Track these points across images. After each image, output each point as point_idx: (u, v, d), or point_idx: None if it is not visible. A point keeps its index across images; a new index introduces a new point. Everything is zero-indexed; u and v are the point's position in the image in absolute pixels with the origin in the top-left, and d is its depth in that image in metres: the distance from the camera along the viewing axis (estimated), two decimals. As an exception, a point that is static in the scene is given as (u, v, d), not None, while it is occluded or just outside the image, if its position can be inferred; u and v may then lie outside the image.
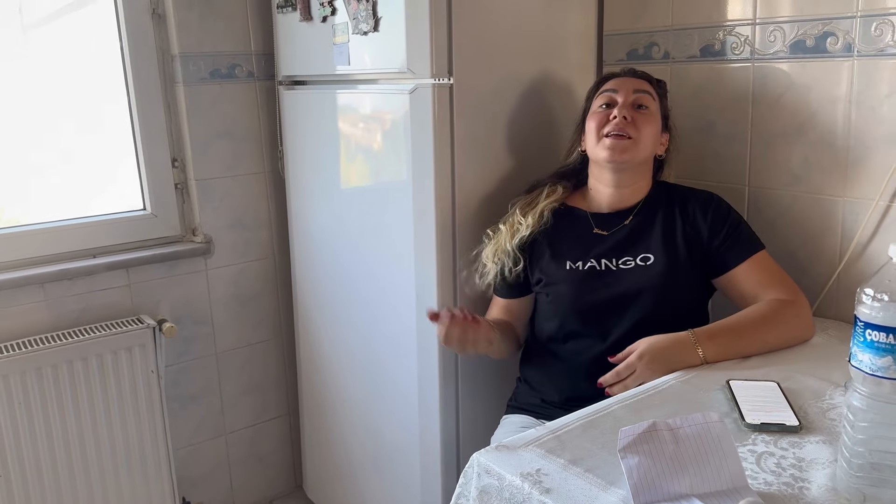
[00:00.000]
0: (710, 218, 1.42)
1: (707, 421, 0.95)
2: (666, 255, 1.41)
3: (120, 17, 1.98)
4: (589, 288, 1.44)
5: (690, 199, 1.46)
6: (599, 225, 1.48)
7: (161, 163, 2.07)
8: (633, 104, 1.44)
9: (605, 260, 1.44)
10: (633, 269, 1.43)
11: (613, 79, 1.50)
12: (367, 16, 1.64)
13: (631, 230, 1.46)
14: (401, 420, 1.83)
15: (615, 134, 1.41)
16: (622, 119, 1.41)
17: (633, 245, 1.44)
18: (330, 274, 2.00)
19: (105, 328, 1.95)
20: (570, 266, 1.46)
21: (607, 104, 1.45)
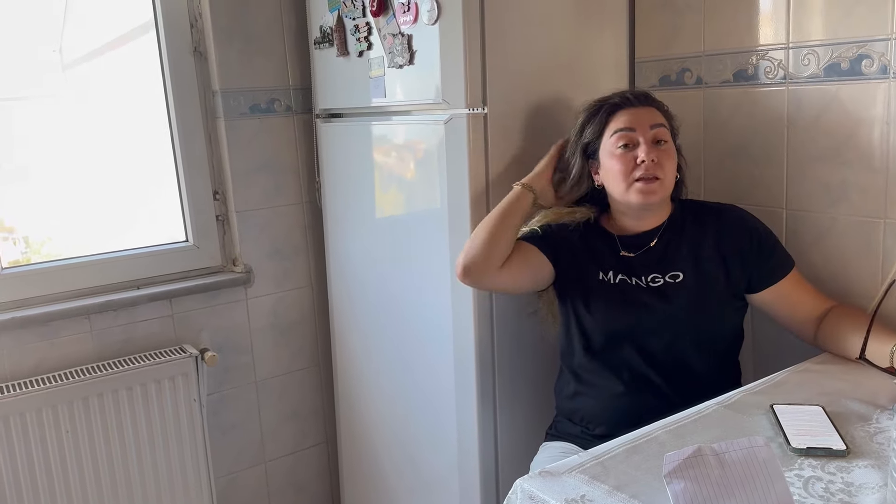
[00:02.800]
0: (748, 235, 1.43)
1: (753, 445, 0.95)
2: (695, 273, 1.42)
3: (163, 55, 2.05)
4: (621, 301, 1.44)
5: (719, 216, 1.47)
6: (626, 247, 1.49)
7: (203, 195, 2.12)
8: (653, 141, 1.41)
9: (636, 278, 1.45)
10: (662, 286, 1.43)
11: (622, 111, 1.44)
12: (402, 49, 1.68)
13: (658, 250, 1.46)
14: (439, 447, 1.83)
15: (645, 178, 1.39)
16: (651, 163, 1.39)
17: (661, 264, 1.45)
18: (367, 302, 2.03)
19: (148, 358, 1.99)
20: (602, 276, 1.47)
21: (626, 144, 1.41)
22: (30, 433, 1.82)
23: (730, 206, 1.51)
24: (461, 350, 1.71)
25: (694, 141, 1.72)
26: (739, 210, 1.49)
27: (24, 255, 2.09)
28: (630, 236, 1.49)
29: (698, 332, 1.42)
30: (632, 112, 1.44)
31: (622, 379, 1.45)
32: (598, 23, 1.78)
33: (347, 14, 1.84)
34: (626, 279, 1.46)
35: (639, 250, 1.47)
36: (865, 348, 1.29)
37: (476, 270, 1.48)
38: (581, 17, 1.74)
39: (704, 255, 1.43)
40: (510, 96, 1.63)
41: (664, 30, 1.75)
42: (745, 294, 1.45)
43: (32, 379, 1.88)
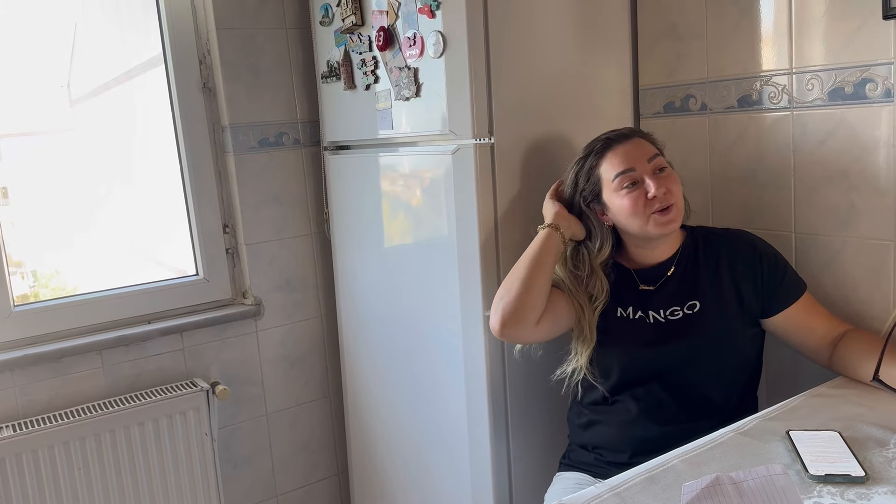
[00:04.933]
0: (759, 260, 1.43)
1: (771, 473, 0.94)
2: (712, 302, 1.42)
3: (172, 91, 2.08)
4: (641, 339, 1.44)
5: (729, 242, 1.47)
6: (645, 280, 1.48)
7: (213, 229, 2.14)
8: (655, 171, 1.41)
9: (653, 312, 1.45)
10: (681, 318, 1.43)
11: (610, 151, 1.43)
12: (409, 82, 1.70)
13: (675, 281, 1.46)
14: (452, 479, 1.82)
15: (661, 209, 1.39)
16: (662, 194, 1.39)
17: (679, 295, 1.45)
18: (377, 332, 2.03)
19: (159, 392, 1.99)
20: (622, 313, 1.47)
21: (634, 182, 1.40)
22: (42, 470, 1.82)
23: (738, 231, 1.52)
24: (473, 380, 1.70)
25: (700, 167, 1.73)
26: (748, 235, 1.49)
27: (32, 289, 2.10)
28: (646, 269, 1.49)
29: (719, 363, 1.42)
30: (622, 150, 1.43)
31: (639, 410, 1.44)
32: (601, 51, 1.80)
33: (354, 49, 1.87)
34: (645, 315, 1.45)
35: (657, 282, 1.47)
36: (879, 370, 1.28)
37: (514, 323, 1.42)
38: (584, 46, 1.76)
39: (719, 283, 1.44)
40: (517, 126, 1.65)
41: (667, 57, 1.77)
42: (759, 319, 1.45)
43: (44, 416, 1.88)
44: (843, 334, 1.41)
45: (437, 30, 1.60)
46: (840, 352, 1.38)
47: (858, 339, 1.38)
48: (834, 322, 1.43)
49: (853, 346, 1.37)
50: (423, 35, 1.64)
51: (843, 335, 1.40)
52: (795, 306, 1.42)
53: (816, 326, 1.42)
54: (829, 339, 1.41)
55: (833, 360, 1.40)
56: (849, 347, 1.37)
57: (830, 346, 1.40)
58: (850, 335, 1.40)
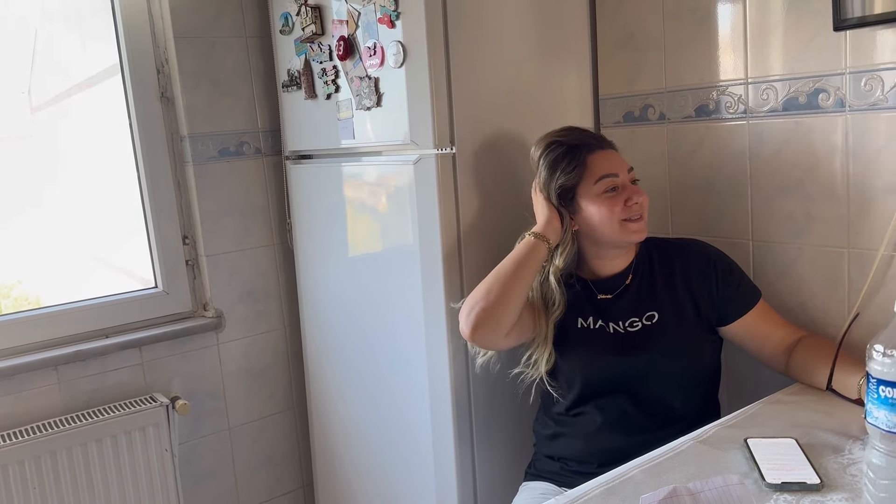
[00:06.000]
0: (713, 269, 1.45)
1: (727, 484, 0.95)
2: (670, 311, 1.43)
3: (129, 101, 2.04)
4: (602, 350, 1.44)
5: (683, 252, 1.49)
6: (602, 290, 1.48)
7: (172, 241, 2.10)
8: (632, 181, 1.45)
9: (613, 323, 1.45)
10: (640, 329, 1.44)
11: (595, 154, 1.43)
12: (369, 92, 1.69)
13: (633, 291, 1.47)
14: (418, 490, 1.81)
15: (636, 218, 1.42)
16: (640, 204, 1.42)
17: (637, 306, 1.45)
18: (341, 343, 2.01)
19: (118, 408, 1.95)
20: (582, 324, 1.47)
21: (614, 188, 1.42)
22: (-5, 491, 1.77)
23: (691, 240, 1.54)
24: (437, 390, 1.69)
25: (659, 176, 1.74)
26: (702, 244, 1.51)
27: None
28: (603, 280, 1.49)
29: (681, 372, 1.43)
30: (606, 156, 1.44)
31: (604, 420, 1.44)
32: (561, 61, 1.81)
33: (314, 58, 1.85)
34: (605, 326, 1.45)
35: (615, 292, 1.48)
36: (832, 379, 1.30)
37: (488, 331, 1.40)
38: (545, 56, 1.77)
39: (675, 293, 1.45)
40: (478, 136, 1.65)
41: (626, 67, 1.79)
42: (716, 328, 1.46)
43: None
44: (799, 340, 1.43)
45: (398, 40, 1.59)
46: (795, 358, 1.40)
47: (813, 345, 1.40)
48: (789, 329, 1.45)
49: (808, 353, 1.39)
50: (383, 45, 1.63)
51: (798, 341, 1.42)
52: (751, 314, 1.44)
53: (772, 333, 1.44)
54: (785, 345, 1.43)
55: (789, 367, 1.41)
56: (804, 354, 1.39)
57: (786, 353, 1.42)
58: (804, 342, 1.42)
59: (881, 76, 1.36)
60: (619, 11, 1.78)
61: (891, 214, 1.37)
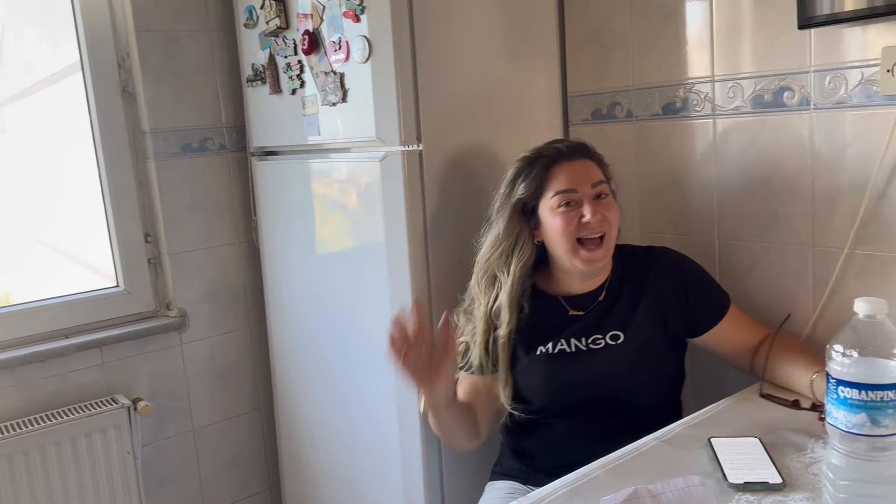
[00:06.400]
0: (684, 283, 1.41)
1: (689, 485, 0.94)
2: (635, 331, 1.39)
3: (90, 95, 1.99)
4: (558, 369, 1.39)
5: (653, 264, 1.43)
6: (574, 306, 1.42)
7: (134, 238, 2.06)
8: (595, 197, 1.35)
9: (575, 340, 1.40)
10: (602, 348, 1.39)
11: (559, 165, 1.36)
12: (335, 87, 1.66)
13: (602, 308, 1.41)
14: (385, 491, 1.79)
15: (590, 238, 1.33)
16: (597, 221, 1.33)
17: (602, 324, 1.40)
18: (308, 342, 1.98)
19: (78, 410, 1.91)
20: (542, 350, 1.41)
21: (569, 202, 1.34)
22: (-53, 497, 1.72)
23: (661, 250, 1.47)
24: (404, 389, 1.67)
25: (627, 174, 1.73)
26: (672, 255, 1.46)
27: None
28: (575, 297, 1.42)
29: (642, 381, 1.40)
30: (570, 168, 1.36)
31: (568, 430, 1.41)
32: (530, 58, 1.79)
33: (279, 52, 1.82)
34: (566, 345, 1.39)
35: (587, 307, 1.41)
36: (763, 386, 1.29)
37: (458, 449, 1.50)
38: (513, 52, 1.75)
39: (644, 310, 1.40)
40: (445, 132, 1.63)
41: (594, 65, 1.78)
42: (685, 339, 1.45)
43: (-49, 438, 1.78)
44: (762, 340, 1.42)
45: (363, 34, 1.57)
46: (759, 359, 1.40)
47: (776, 344, 1.39)
48: (755, 330, 1.44)
49: (771, 353, 1.38)
50: (348, 39, 1.60)
51: (762, 340, 1.42)
52: (721, 323, 1.41)
53: (740, 338, 1.42)
54: (752, 345, 1.43)
55: (754, 367, 1.41)
56: (767, 354, 1.39)
57: (752, 353, 1.42)
58: (767, 341, 1.41)
59: (845, 74, 1.36)
60: (588, 9, 1.77)
61: (855, 213, 1.37)
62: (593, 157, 1.41)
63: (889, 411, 0.81)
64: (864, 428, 0.82)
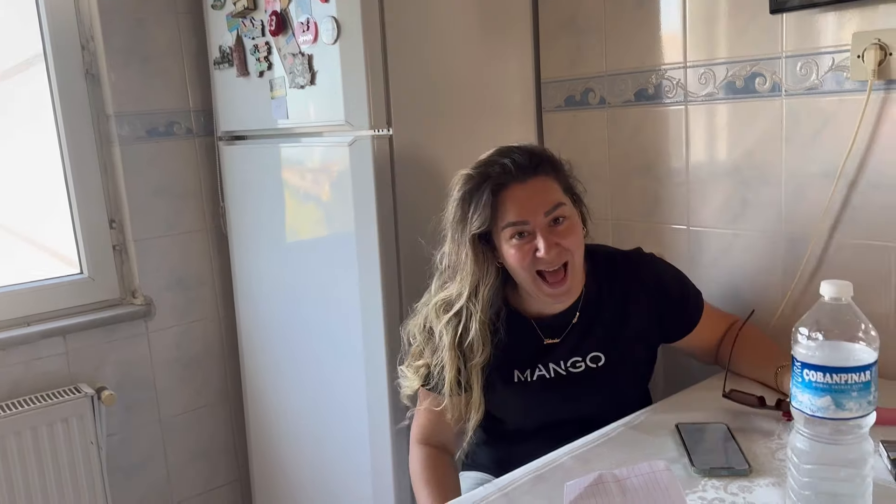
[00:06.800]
0: (663, 293, 1.34)
1: (654, 470, 0.93)
2: (616, 351, 1.32)
3: (52, 77, 1.94)
4: (539, 397, 1.32)
5: (633, 274, 1.34)
6: (547, 333, 1.32)
7: (98, 224, 2.01)
8: (551, 223, 1.22)
9: (554, 365, 1.31)
10: (583, 371, 1.31)
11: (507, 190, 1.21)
12: (303, 69, 1.63)
13: (579, 329, 1.32)
14: (354, 483, 1.77)
15: (550, 271, 1.22)
16: (554, 256, 1.21)
17: (582, 345, 1.32)
18: (277, 331, 1.95)
19: (40, 399, 1.86)
20: (519, 377, 1.32)
21: (521, 234, 1.22)
22: None
23: (637, 256, 1.38)
24: (373, 381, 1.65)
25: (600, 160, 1.72)
26: (648, 263, 1.37)
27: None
28: (549, 318, 1.32)
29: (625, 397, 1.36)
30: (520, 194, 1.21)
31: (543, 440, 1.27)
32: (502, 43, 1.77)
33: (247, 34, 1.78)
34: (545, 371, 1.31)
35: (562, 333, 1.32)
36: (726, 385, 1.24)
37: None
38: (486, 37, 1.73)
39: (623, 326, 1.32)
40: (416, 117, 1.60)
41: (568, 50, 1.76)
42: (669, 342, 1.41)
43: None
44: (727, 330, 1.40)
45: (332, 15, 1.54)
46: (724, 352, 1.37)
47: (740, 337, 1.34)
48: (723, 323, 1.40)
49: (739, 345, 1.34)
50: (316, 20, 1.57)
51: (726, 332, 1.40)
52: (697, 327, 1.37)
53: (709, 336, 1.39)
54: (718, 339, 1.40)
55: (719, 360, 1.39)
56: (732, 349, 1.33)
57: (718, 344, 1.40)
58: (731, 332, 1.38)
59: (816, 60, 1.35)
60: (561, -7, 1.75)
61: (825, 200, 1.37)
62: (548, 170, 1.25)
63: (853, 394, 0.80)
64: (829, 411, 0.81)
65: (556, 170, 1.27)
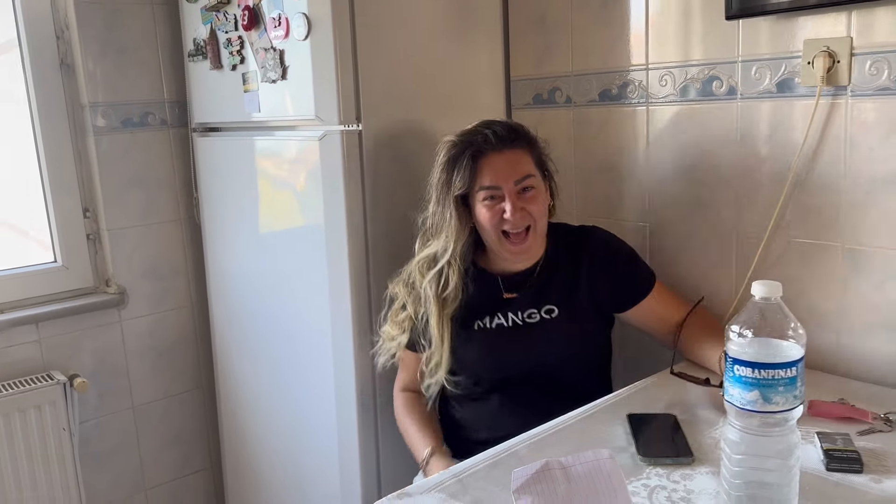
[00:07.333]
0: (613, 260, 1.47)
1: (598, 458, 0.97)
2: (568, 305, 1.44)
3: (27, 67, 1.95)
4: (496, 344, 1.44)
5: (584, 243, 1.48)
6: (509, 288, 1.46)
7: (72, 213, 2.03)
8: (519, 192, 1.37)
9: (512, 315, 1.45)
10: (538, 322, 1.44)
11: (486, 157, 1.37)
12: (274, 64, 1.66)
13: (537, 287, 1.46)
14: (323, 470, 1.81)
15: (514, 232, 1.38)
16: (518, 218, 1.36)
17: (538, 299, 1.45)
18: (249, 321, 1.98)
19: (13, 386, 1.88)
20: (479, 325, 1.45)
21: (493, 197, 1.37)
22: None
23: (592, 229, 1.52)
24: (341, 370, 1.69)
25: (566, 158, 1.76)
26: (602, 233, 1.51)
27: None
28: (512, 275, 1.47)
29: (574, 355, 1.46)
30: (496, 162, 1.37)
31: (502, 404, 1.46)
32: (473, 42, 1.81)
33: (220, 27, 1.80)
34: (504, 320, 1.45)
35: (521, 288, 1.46)
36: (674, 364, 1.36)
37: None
38: (457, 35, 1.76)
39: (576, 285, 1.45)
40: (386, 113, 1.63)
41: (536, 50, 1.80)
42: (613, 313, 1.50)
43: None
44: (687, 317, 1.47)
45: (302, 11, 1.56)
46: (682, 337, 1.45)
47: (697, 324, 1.45)
48: (680, 307, 1.49)
49: (691, 332, 1.44)
50: (287, 16, 1.60)
51: (686, 318, 1.47)
52: (647, 299, 1.47)
53: (666, 314, 1.48)
54: (675, 321, 1.48)
55: (678, 344, 1.46)
56: (688, 333, 1.44)
57: (677, 330, 1.47)
58: (690, 320, 1.46)
59: (770, 66, 1.40)
60: (530, -7, 1.79)
61: (776, 200, 1.42)
62: (523, 144, 1.40)
63: (780, 389, 0.85)
64: (757, 405, 0.86)
65: (530, 145, 1.42)
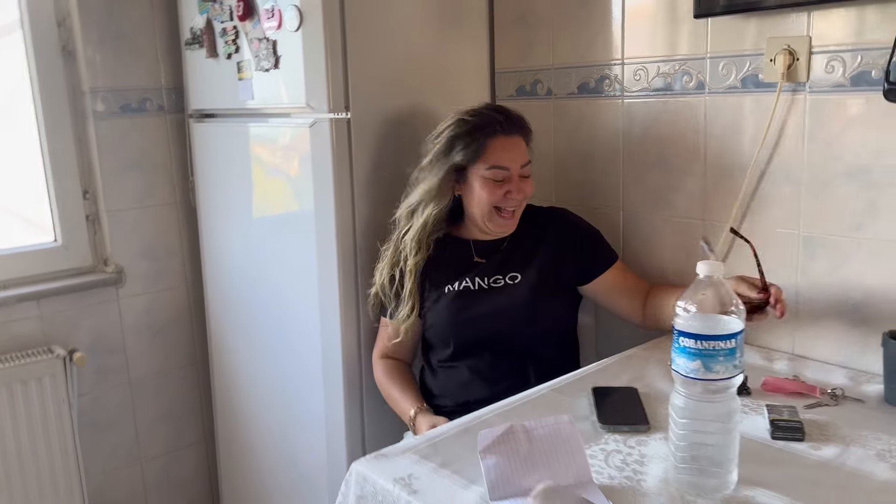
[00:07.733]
0: (577, 235, 1.61)
1: (558, 423, 1.06)
2: (531, 273, 1.56)
3: (29, 53, 2.02)
4: (463, 305, 1.56)
5: (550, 220, 1.62)
6: (480, 253, 1.60)
7: (72, 195, 2.10)
8: (521, 177, 1.52)
9: (479, 279, 1.57)
10: (502, 286, 1.56)
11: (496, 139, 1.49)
12: (267, 54, 1.73)
13: (505, 254, 1.59)
14: (311, 443, 1.89)
15: (508, 209, 1.52)
16: (519, 200, 1.53)
17: (505, 266, 1.58)
18: (242, 301, 2.06)
19: (14, 359, 1.96)
20: (448, 289, 1.58)
21: (500, 179, 1.50)
22: None
23: (560, 209, 1.67)
24: (328, 348, 1.77)
25: (546, 148, 1.85)
26: (565, 212, 1.66)
27: None
28: (484, 243, 1.61)
29: (539, 323, 1.55)
30: (507, 144, 1.50)
31: (471, 372, 1.56)
32: (459, 33, 1.88)
33: (216, 17, 1.88)
34: (471, 283, 1.57)
35: (491, 255, 1.59)
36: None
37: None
38: (443, 26, 1.83)
39: (540, 256, 1.58)
40: (373, 102, 1.71)
41: (520, 43, 1.87)
42: (576, 287, 1.60)
43: None
44: (649, 291, 1.58)
45: (295, 3, 1.64)
46: (647, 307, 1.57)
47: (659, 290, 1.57)
48: (642, 283, 1.61)
49: (654, 297, 1.56)
50: (280, 8, 1.67)
51: (648, 291, 1.59)
52: (607, 273, 1.59)
53: (627, 290, 1.59)
54: (640, 298, 1.58)
55: (645, 316, 1.57)
56: (651, 300, 1.56)
57: (641, 305, 1.57)
58: (652, 289, 1.59)
59: (735, 62, 1.48)
60: (515, -13, 1.86)
61: (738, 189, 1.51)
62: (525, 132, 1.56)
63: (720, 359, 0.94)
64: (700, 373, 0.95)
65: (528, 136, 1.57)
